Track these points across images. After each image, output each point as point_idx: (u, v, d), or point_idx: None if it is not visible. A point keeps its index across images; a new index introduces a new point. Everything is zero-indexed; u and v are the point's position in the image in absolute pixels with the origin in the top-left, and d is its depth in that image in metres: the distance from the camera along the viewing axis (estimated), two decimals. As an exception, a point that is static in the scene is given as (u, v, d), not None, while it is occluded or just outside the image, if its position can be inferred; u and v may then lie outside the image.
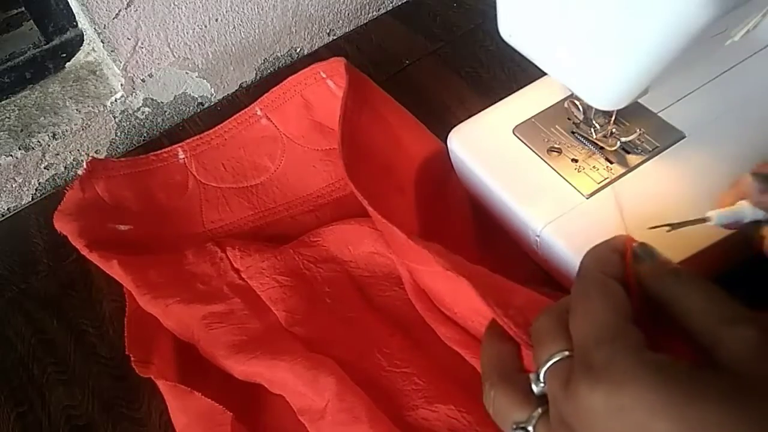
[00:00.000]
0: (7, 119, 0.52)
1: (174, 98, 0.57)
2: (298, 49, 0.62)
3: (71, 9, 0.51)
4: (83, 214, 0.43)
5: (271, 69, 0.61)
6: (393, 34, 0.61)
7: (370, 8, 0.64)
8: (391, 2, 0.65)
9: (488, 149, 0.40)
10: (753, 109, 0.38)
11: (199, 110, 0.58)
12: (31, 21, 0.51)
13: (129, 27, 0.49)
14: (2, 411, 0.40)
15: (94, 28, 0.48)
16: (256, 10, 0.56)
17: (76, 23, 0.52)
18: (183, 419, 0.35)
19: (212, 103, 0.59)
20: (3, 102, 0.53)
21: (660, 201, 0.35)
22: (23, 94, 0.53)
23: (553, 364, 0.23)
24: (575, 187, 0.37)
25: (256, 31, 0.57)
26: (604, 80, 0.32)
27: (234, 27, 0.55)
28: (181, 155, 0.48)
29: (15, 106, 0.53)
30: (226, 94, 0.59)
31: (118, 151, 0.56)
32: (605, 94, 0.32)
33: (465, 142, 0.41)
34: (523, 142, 0.40)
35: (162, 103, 0.56)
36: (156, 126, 0.57)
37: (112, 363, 0.41)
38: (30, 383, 0.41)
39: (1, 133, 0.51)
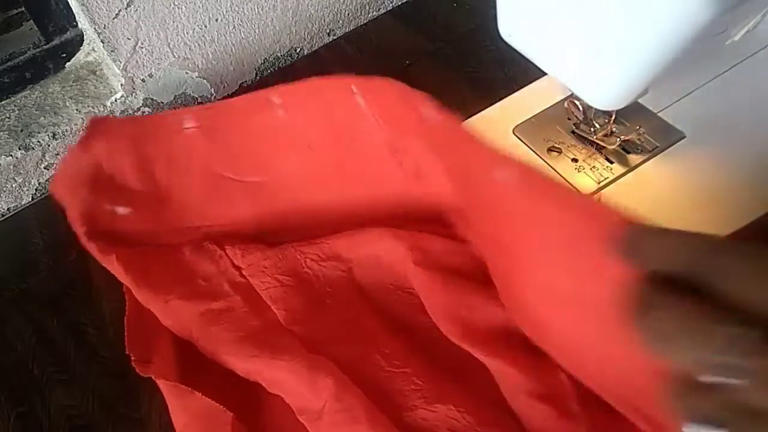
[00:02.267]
0: (7, 119, 0.52)
1: (174, 98, 0.57)
2: (298, 49, 0.62)
3: (71, 9, 0.51)
4: (82, 182, 0.42)
5: (271, 69, 0.61)
6: (393, 34, 0.61)
7: (370, 8, 0.64)
8: (391, 2, 0.65)
9: None
10: (753, 108, 0.39)
11: (199, 110, 0.58)
12: (31, 21, 0.51)
13: (129, 27, 0.49)
14: (2, 411, 0.40)
15: (94, 28, 0.48)
16: (256, 10, 0.56)
17: (76, 23, 0.52)
18: (183, 419, 0.35)
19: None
20: (3, 102, 0.53)
21: (660, 200, 0.36)
22: (23, 94, 0.53)
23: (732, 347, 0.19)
24: (575, 187, 0.37)
25: (256, 31, 0.57)
26: (604, 80, 0.32)
27: (234, 27, 0.55)
28: (188, 125, 0.44)
29: (15, 106, 0.53)
30: (226, 94, 0.59)
31: (118, 151, 0.56)
32: (605, 94, 0.32)
33: None
34: (523, 142, 0.40)
35: (162, 103, 0.56)
36: (156, 126, 0.57)
37: (112, 363, 0.41)
38: (30, 383, 0.41)
39: (1, 133, 0.51)
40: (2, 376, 0.42)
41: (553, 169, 0.38)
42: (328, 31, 0.62)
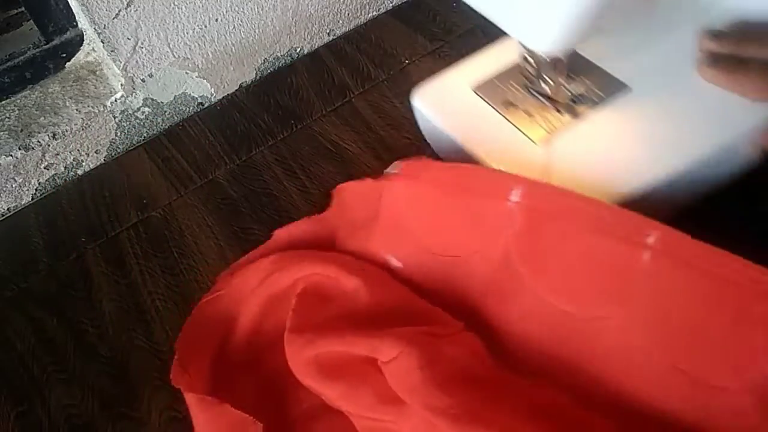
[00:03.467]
0: (7, 119, 0.52)
1: (174, 98, 0.57)
2: (298, 49, 0.62)
3: (71, 9, 0.51)
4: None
5: (271, 69, 0.61)
6: (393, 33, 0.61)
7: (370, 8, 0.64)
8: (391, 2, 0.65)
9: (450, 106, 0.43)
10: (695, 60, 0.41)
11: (199, 110, 0.58)
12: (31, 21, 0.51)
13: (129, 27, 0.49)
14: (2, 411, 0.40)
15: (94, 28, 0.48)
16: (256, 10, 0.56)
17: (76, 23, 0.52)
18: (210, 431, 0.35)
19: (212, 103, 0.59)
20: (3, 102, 0.53)
21: (606, 149, 0.38)
22: (23, 94, 0.53)
23: None
24: (528, 136, 0.40)
25: (256, 31, 0.57)
26: (543, 23, 0.33)
27: (234, 27, 0.55)
28: (514, 198, 0.35)
29: (15, 106, 0.53)
30: (226, 94, 0.59)
31: (118, 151, 0.56)
32: (544, 37, 0.34)
33: (428, 100, 0.44)
34: (482, 98, 0.42)
35: (162, 103, 0.56)
36: (156, 126, 0.57)
37: (112, 363, 0.41)
38: (30, 383, 0.41)
39: (1, 133, 0.51)
40: (2, 376, 0.42)
41: (509, 122, 0.41)
42: (328, 31, 0.62)
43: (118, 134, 0.55)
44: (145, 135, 0.57)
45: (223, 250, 0.46)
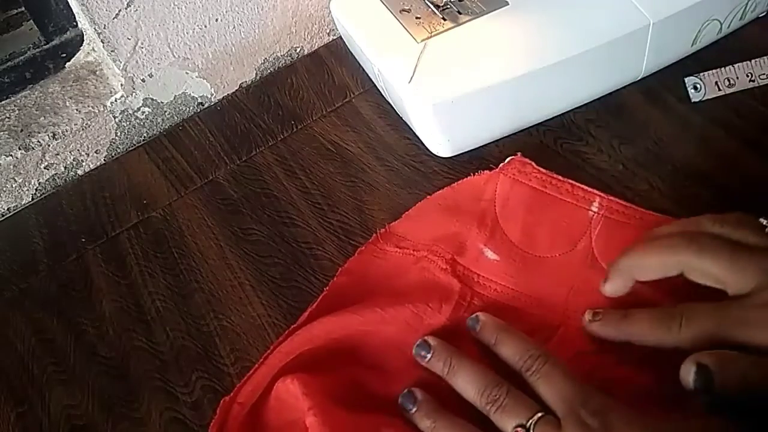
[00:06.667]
0: (7, 119, 0.52)
1: (174, 98, 0.57)
2: (298, 49, 0.62)
3: (71, 9, 0.51)
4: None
5: (271, 69, 0.61)
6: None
7: (370, 8, 0.64)
8: (391, 2, 0.65)
9: (358, 11, 0.50)
10: None
11: (199, 110, 0.58)
12: (31, 21, 0.51)
13: (129, 27, 0.49)
14: (2, 411, 0.40)
15: (94, 28, 0.48)
16: (256, 10, 0.56)
17: (76, 23, 0.52)
18: None
19: (212, 103, 0.59)
20: (3, 102, 0.53)
21: (470, 49, 0.46)
22: (23, 94, 0.53)
23: (538, 420, 0.32)
24: (412, 35, 0.47)
25: (256, 31, 0.57)
26: None
27: (234, 27, 0.56)
28: (594, 208, 0.42)
29: (15, 106, 0.53)
30: (226, 94, 0.59)
31: (118, 151, 0.56)
32: None
33: (342, 7, 0.52)
34: (384, 5, 0.50)
35: (162, 103, 0.56)
36: (156, 126, 0.57)
37: (112, 363, 0.42)
38: (30, 383, 0.41)
39: (1, 133, 0.51)
40: (2, 376, 0.42)
41: (401, 23, 0.48)
42: (328, 31, 0.62)
43: (118, 134, 0.55)
44: (145, 135, 0.57)
45: (223, 251, 0.46)
